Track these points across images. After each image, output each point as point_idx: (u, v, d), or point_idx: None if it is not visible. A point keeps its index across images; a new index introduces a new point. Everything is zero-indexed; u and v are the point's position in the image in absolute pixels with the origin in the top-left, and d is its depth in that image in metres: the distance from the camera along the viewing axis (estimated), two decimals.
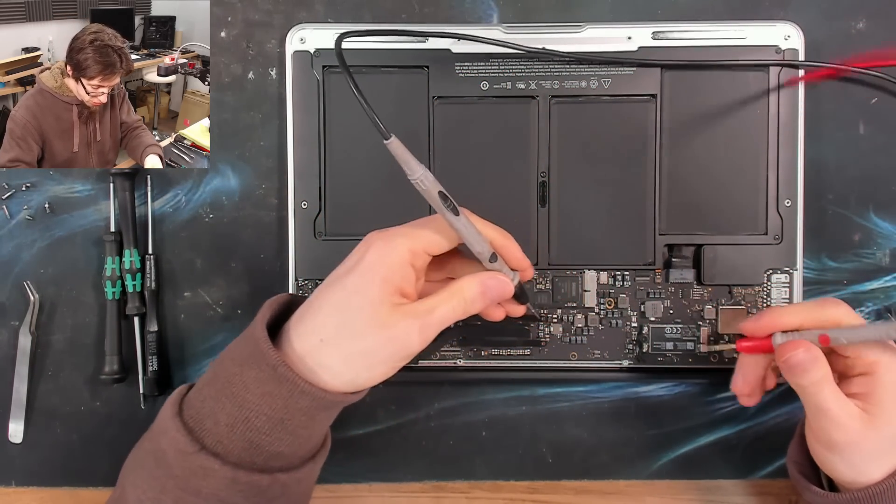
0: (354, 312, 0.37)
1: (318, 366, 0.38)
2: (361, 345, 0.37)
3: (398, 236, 0.38)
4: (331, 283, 0.39)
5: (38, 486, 0.53)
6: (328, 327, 0.38)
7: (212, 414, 0.38)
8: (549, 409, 0.53)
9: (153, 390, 0.52)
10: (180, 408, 0.39)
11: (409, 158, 0.36)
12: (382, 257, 0.38)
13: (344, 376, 0.38)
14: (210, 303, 0.53)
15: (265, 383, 0.37)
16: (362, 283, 0.37)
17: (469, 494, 0.53)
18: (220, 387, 0.38)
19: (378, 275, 0.37)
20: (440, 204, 0.37)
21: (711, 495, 0.53)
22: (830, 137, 0.52)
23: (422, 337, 0.38)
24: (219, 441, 0.38)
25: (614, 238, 0.51)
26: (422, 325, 0.38)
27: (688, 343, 0.51)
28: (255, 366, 0.37)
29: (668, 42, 0.50)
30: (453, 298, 0.39)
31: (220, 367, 0.39)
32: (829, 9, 0.52)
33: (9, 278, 0.52)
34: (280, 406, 0.37)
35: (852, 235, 0.52)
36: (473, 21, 0.52)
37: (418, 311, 0.38)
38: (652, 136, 0.51)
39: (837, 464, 0.42)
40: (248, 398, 0.37)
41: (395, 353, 0.38)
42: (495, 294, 0.40)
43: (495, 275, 0.40)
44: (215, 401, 0.38)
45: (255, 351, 0.38)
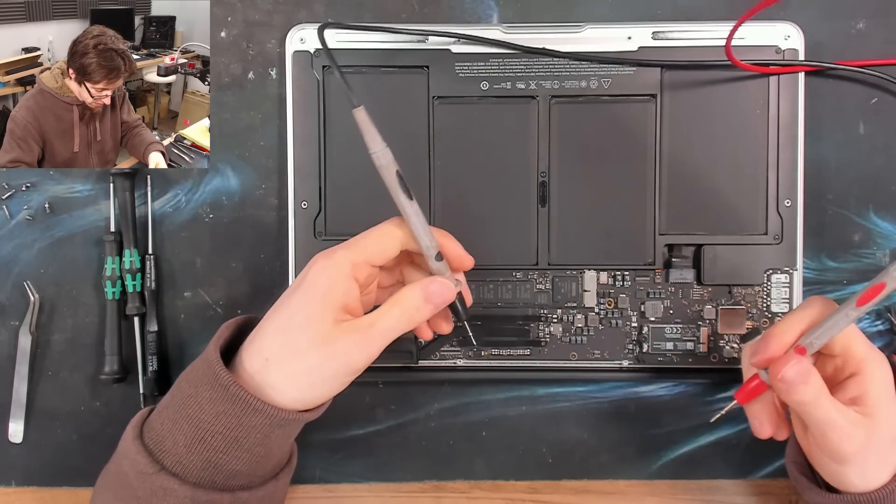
0: (297, 331, 0.38)
1: (266, 385, 0.38)
2: (304, 363, 0.38)
3: (339, 250, 0.39)
4: (277, 303, 0.40)
5: (38, 486, 0.53)
6: (273, 347, 0.38)
7: (170, 435, 0.39)
8: (549, 409, 0.53)
9: (153, 390, 0.52)
10: (141, 430, 0.40)
11: (372, 131, 0.36)
12: (323, 273, 0.38)
13: (290, 394, 0.38)
14: (210, 303, 0.53)
15: (219, 403, 0.38)
16: (304, 301, 0.38)
17: (469, 494, 0.53)
18: (177, 408, 0.39)
19: (319, 291, 0.37)
20: (395, 184, 0.36)
21: (711, 495, 0.53)
22: (830, 137, 0.52)
23: (364, 353, 0.37)
24: (178, 461, 0.39)
25: (614, 238, 0.51)
26: (363, 340, 0.37)
27: (688, 343, 0.51)
28: (209, 386, 0.38)
29: (668, 42, 0.50)
30: (394, 309, 0.38)
31: (177, 389, 0.40)
32: (829, 9, 0.52)
33: (9, 278, 0.52)
34: (234, 425, 0.38)
35: (852, 235, 0.52)
36: (473, 21, 0.52)
37: (359, 326, 0.37)
38: (652, 136, 0.51)
39: (848, 474, 0.41)
40: (204, 418, 0.38)
41: (339, 370, 0.38)
42: (439, 300, 0.39)
43: (436, 278, 0.39)
44: (173, 422, 0.39)
45: (208, 372, 0.38)
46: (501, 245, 0.51)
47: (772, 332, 0.41)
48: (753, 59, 0.50)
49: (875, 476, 0.41)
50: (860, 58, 0.51)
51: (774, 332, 0.41)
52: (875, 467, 0.41)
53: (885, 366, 0.41)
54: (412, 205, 0.37)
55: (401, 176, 0.36)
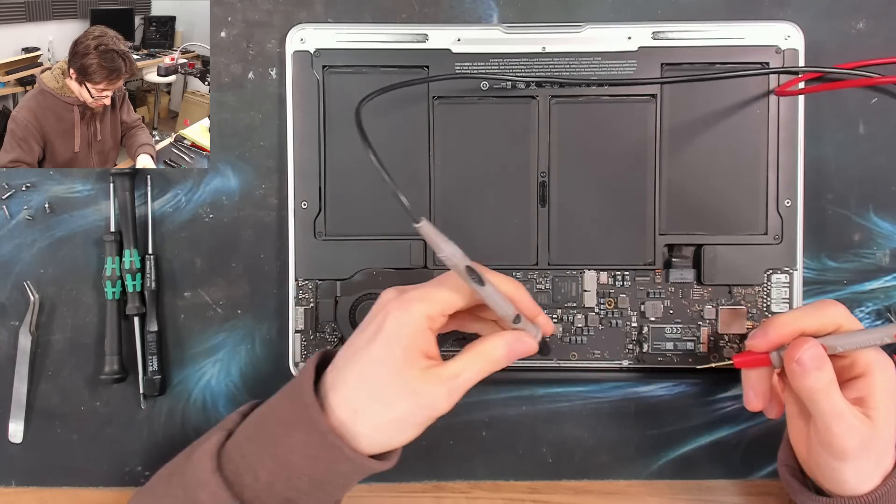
0: (383, 383, 0.38)
1: (355, 435, 0.39)
2: (393, 413, 0.39)
3: (414, 302, 0.39)
4: (355, 352, 0.40)
5: (38, 486, 0.53)
6: (360, 399, 0.39)
7: (251, 470, 0.39)
8: (549, 409, 0.53)
9: (153, 390, 0.52)
10: (219, 462, 0.40)
11: (437, 238, 0.37)
12: (401, 327, 0.38)
13: (378, 441, 0.40)
14: (210, 303, 0.53)
15: (311, 447, 0.39)
16: (386, 355, 0.38)
17: (469, 494, 0.53)
18: (263, 445, 0.40)
19: (400, 345, 0.38)
20: (468, 278, 0.38)
21: (711, 495, 0.53)
22: (830, 137, 0.52)
23: (450, 401, 0.39)
24: (256, 496, 0.39)
25: (614, 238, 0.51)
26: (449, 390, 0.39)
27: (688, 343, 0.51)
28: (303, 429, 0.39)
29: (668, 42, 0.50)
30: (479, 361, 0.39)
31: (264, 426, 0.40)
32: (829, 9, 0.52)
33: (9, 278, 0.52)
34: (323, 469, 0.39)
35: (852, 235, 0.52)
36: (473, 21, 0.52)
37: (446, 377, 0.39)
38: (652, 136, 0.51)
39: (844, 472, 0.41)
40: (293, 459, 0.39)
41: (426, 417, 0.39)
42: (520, 354, 0.41)
43: (520, 335, 0.41)
44: (257, 458, 0.39)
45: (303, 415, 0.39)
46: (501, 245, 0.51)
47: (776, 318, 0.42)
48: (753, 59, 0.50)
49: (869, 478, 0.41)
50: (860, 58, 0.51)
51: (780, 318, 0.42)
52: (870, 469, 0.41)
53: (891, 371, 0.41)
54: (486, 289, 0.38)
55: (470, 269, 0.37)
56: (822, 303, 0.42)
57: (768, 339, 0.42)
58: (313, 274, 0.51)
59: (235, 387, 0.53)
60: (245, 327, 0.53)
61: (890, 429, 0.41)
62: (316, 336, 0.51)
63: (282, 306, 0.52)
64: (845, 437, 0.40)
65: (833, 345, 0.41)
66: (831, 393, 0.40)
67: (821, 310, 0.42)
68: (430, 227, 0.36)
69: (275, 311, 0.52)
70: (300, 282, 0.51)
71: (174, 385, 0.53)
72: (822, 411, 0.40)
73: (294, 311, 0.51)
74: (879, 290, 0.52)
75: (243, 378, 0.53)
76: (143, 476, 0.53)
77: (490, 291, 0.39)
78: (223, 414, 0.53)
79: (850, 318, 0.42)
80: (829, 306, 0.42)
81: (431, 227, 0.36)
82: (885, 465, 0.42)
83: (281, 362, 0.52)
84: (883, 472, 0.42)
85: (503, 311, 0.40)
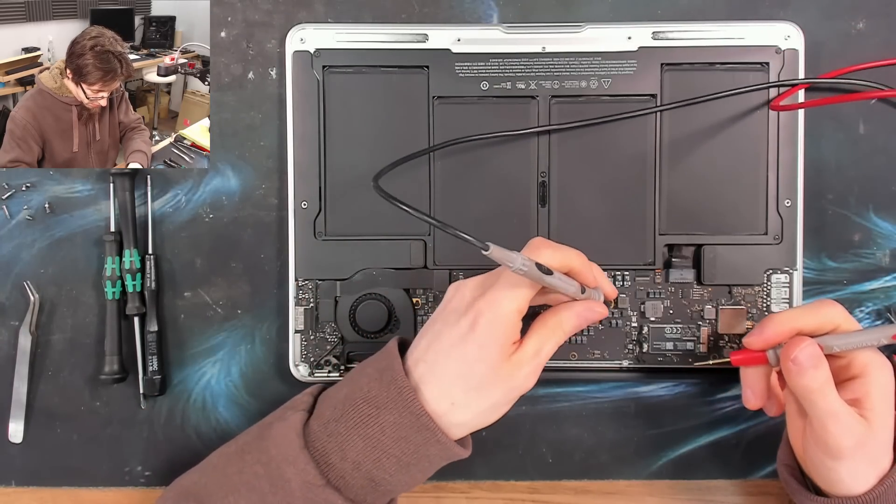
0: (479, 378, 0.40)
1: (451, 424, 0.41)
2: (490, 401, 0.41)
3: (504, 300, 0.40)
4: (449, 348, 0.41)
5: (38, 486, 0.53)
6: (456, 393, 0.40)
7: (339, 450, 0.40)
8: (549, 409, 0.53)
9: (153, 390, 0.52)
10: (305, 439, 0.41)
11: (507, 255, 0.38)
12: (496, 326, 0.40)
13: (473, 426, 0.42)
14: (210, 303, 0.53)
15: (403, 429, 0.40)
16: (483, 353, 0.40)
17: (469, 494, 0.53)
18: (352, 425, 0.40)
19: (496, 343, 0.40)
20: (541, 276, 0.39)
21: (711, 495, 0.53)
22: (830, 137, 0.52)
23: (535, 377, 0.41)
24: (341, 476, 0.40)
25: (614, 238, 0.51)
26: (535, 368, 0.41)
27: (688, 343, 0.51)
28: (396, 411, 0.40)
29: (668, 42, 0.50)
30: (556, 334, 0.42)
31: (352, 407, 0.41)
32: (829, 9, 0.52)
33: (9, 278, 0.52)
34: (412, 451, 0.40)
35: (852, 235, 0.52)
36: (473, 21, 0.52)
37: (529, 357, 0.41)
38: (652, 136, 0.51)
39: (840, 471, 0.41)
40: (383, 440, 0.40)
41: (516, 397, 0.41)
42: (592, 321, 0.43)
43: (590, 305, 0.42)
44: (346, 437, 0.40)
45: (397, 398, 0.40)
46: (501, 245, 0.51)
47: (774, 317, 0.43)
48: (753, 59, 0.50)
49: (865, 478, 0.41)
50: (860, 58, 0.51)
51: (777, 317, 0.42)
52: (865, 469, 0.41)
53: (888, 372, 0.41)
54: (554, 278, 0.40)
55: (539, 265, 0.39)
56: (820, 302, 0.42)
57: (765, 338, 0.43)
58: (313, 274, 0.51)
59: (235, 387, 0.53)
60: (245, 327, 0.53)
61: (886, 430, 0.41)
62: (316, 336, 0.51)
63: (282, 306, 0.52)
64: (840, 436, 0.40)
65: (830, 344, 0.41)
66: (827, 392, 0.40)
67: (819, 309, 0.42)
68: (498, 249, 0.38)
69: (275, 311, 0.52)
70: (300, 282, 0.51)
71: (174, 385, 0.53)
72: (817, 410, 0.40)
73: (294, 311, 0.51)
74: (879, 290, 0.52)
75: (243, 378, 0.53)
76: (143, 476, 0.53)
77: (558, 277, 0.40)
78: (223, 414, 0.53)
79: (848, 318, 0.42)
80: (827, 306, 0.42)
81: (499, 248, 0.38)
82: (881, 466, 0.42)
83: (281, 362, 0.52)
84: (879, 472, 0.42)
85: (571, 290, 0.41)
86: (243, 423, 0.52)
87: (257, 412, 0.53)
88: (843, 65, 0.51)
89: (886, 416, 0.41)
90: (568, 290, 0.41)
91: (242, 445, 0.43)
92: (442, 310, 0.42)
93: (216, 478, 0.43)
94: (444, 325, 0.41)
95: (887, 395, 0.41)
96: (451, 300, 0.42)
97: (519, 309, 0.40)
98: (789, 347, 0.41)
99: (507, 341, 0.40)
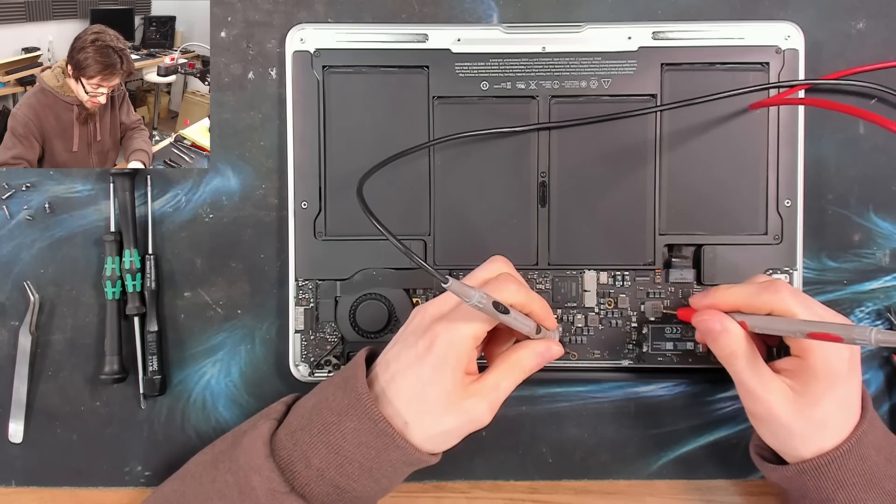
0: (432, 402, 0.41)
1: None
2: (441, 427, 0.41)
3: (461, 324, 0.41)
4: (405, 368, 0.41)
5: (38, 486, 0.53)
6: (411, 413, 0.41)
7: (304, 457, 0.41)
8: (549, 409, 0.53)
9: (153, 390, 0.52)
10: (271, 448, 0.42)
11: (466, 291, 0.39)
12: (451, 349, 0.41)
13: (426, 448, 0.42)
14: (210, 303, 0.53)
15: (363, 434, 0.41)
16: (436, 376, 0.41)
17: (469, 494, 0.53)
18: (316, 433, 0.42)
19: (449, 367, 0.41)
20: (496, 313, 0.40)
21: (711, 495, 0.53)
22: (830, 137, 0.52)
23: (491, 413, 0.42)
24: (306, 484, 0.41)
25: (614, 238, 0.51)
26: (490, 402, 0.42)
27: (688, 343, 0.51)
28: (356, 418, 0.41)
29: (667, 42, 0.50)
30: (514, 372, 0.43)
31: (317, 414, 0.42)
32: (829, 9, 0.52)
33: (9, 278, 0.52)
34: (373, 456, 0.41)
35: (852, 235, 0.52)
36: (473, 21, 0.52)
37: (486, 390, 0.42)
38: (652, 135, 0.51)
39: (763, 432, 0.44)
40: (345, 446, 0.41)
41: (470, 429, 0.42)
42: (549, 360, 0.44)
43: (549, 345, 0.44)
44: (309, 445, 0.41)
45: (356, 404, 0.41)
46: (501, 245, 0.51)
47: (720, 289, 0.44)
48: (753, 59, 0.50)
49: (792, 446, 0.43)
50: (860, 58, 0.51)
51: (722, 290, 0.44)
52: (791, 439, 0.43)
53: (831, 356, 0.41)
54: (510, 316, 0.40)
55: (496, 304, 0.39)
56: (767, 285, 0.43)
57: (703, 304, 0.45)
58: (313, 274, 0.51)
59: (235, 387, 0.53)
60: (245, 327, 0.53)
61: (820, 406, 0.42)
62: (316, 336, 0.51)
63: (282, 306, 0.52)
64: (749, 403, 0.43)
65: (752, 324, 0.42)
66: (735, 362, 0.42)
67: (760, 294, 0.42)
68: (457, 283, 0.38)
69: (275, 311, 0.52)
70: (300, 282, 0.51)
71: (174, 385, 0.53)
72: (733, 377, 0.44)
73: (294, 311, 0.51)
74: (879, 290, 0.52)
75: (243, 378, 0.53)
76: (143, 476, 0.53)
77: (514, 316, 0.41)
78: (223, 414, 0.53)
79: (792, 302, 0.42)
80: (769, 292, 0.42)
81: (458, 283, 0.38)
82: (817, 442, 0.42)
83: (281, 362, 0.52)
84: (815, 447, 0.42)
85: (526, 329, 0.42)
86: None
87: (257, 412, 0.52)
88: (844, 65, 0.51)
89: (820, 395, 0.42)
90: (523, 330, 0.42)
91: (217, 454, 0.44)
92: (403, 331, 0.43)
93: (193, 486, 0.44)
94: (402, 346, 0.42)
95: (825, 377, 0.41)
96: (412, 321, 0.43)
97: (475, 335, 0.41)
98: (698, 315, 0.44)
99: (461, 366, 0.41)
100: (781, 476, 0.44)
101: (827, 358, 0.41)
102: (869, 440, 0.43)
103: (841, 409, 0.42)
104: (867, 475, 0.42)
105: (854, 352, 0.42)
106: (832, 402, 0.42)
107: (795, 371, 0.42)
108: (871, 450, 0.43)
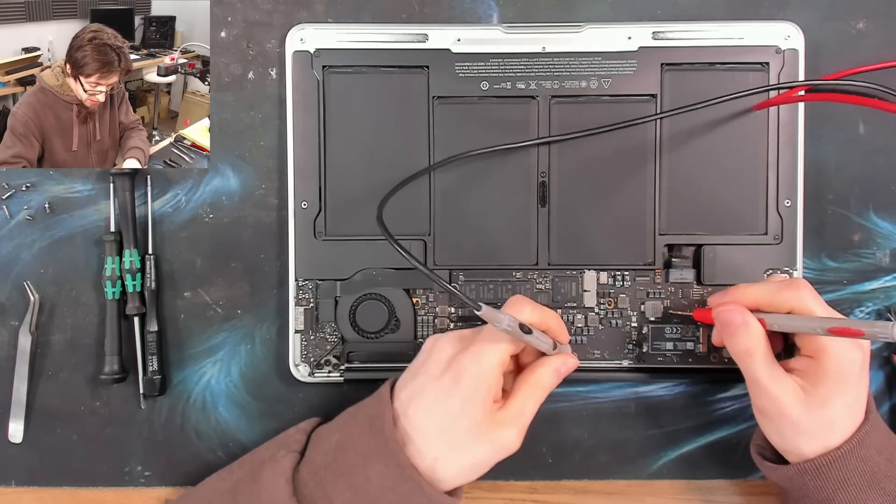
0: (462, 435, 0.41)
1: (434, 479, 0.41)
2: (472, 459, 0.41)
3: (486, 353, 0.41)
4: (432, 403, 0.41)
5: (38, 486, 0.53)
6: (440, 448, 0.41)
7: (326, 497, 0.41)
8: (549, 409, 0.53)
9: (153, 390, 0.52)
10: (294, 486, 0.41)
11: (496, 315, 0.39)
12: (480, 380, 0.41)
13: (457, 482, 0.42)
14: (210, 303, 0.53)
15: (389, 479, 0.40)
16: (467, 409, 0.41)
17: (469, 494, 0.53)
18: (340, 473, 0.41)
19: (479, 398, 0.41)
20: (521, 335, 0.40)
21: (711, 495, 0.53)
22: (830, 137, 0.52)
23: (520, 438, 0.42)
24: None
25: (614, 238, 0.51)
26: (519, 428, 0.42)
27: (688, 343, 0.51)
28: (382, 461, 0.41)
29: (667, 42, 0.50)
30: (536, 392, 0.43)
31: (341, 454, 0.42)
32: (829, 9, 0.52)
33: (9, 278, 0.52)
34: (398, 501, 0.41)
35: (852, 235, 0.52)
36: (473, 21, 0.52)
37: (512, 417, 0.42)
38: (652, 135, 0.51)
39: (770, 430, 0.44)
40: (369, 490, 0.41)
41: (501, 456, 0.42)
42: (566, 375, 0.44)
43: (565, 359, 0.44)
44: (333, 485, 0.41)
45: (383, 448, 0.41)
46: (501, 245, 0.51)
47: (739, 288, 0.45)
48: (753, 59, 0.50)
49: (797, 445, 0.43)
50: (860, 58, 0.51)
51: (741, 289, 0.44)
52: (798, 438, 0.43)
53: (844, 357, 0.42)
54: (533, 336, 0.41)
55: (522, 325, 0.40)
56: (787, 283, 0.43)
57: (722, 301, 0.45)
58: (313, 274, 0.51)
59: (235, 387, 0.53)
60: (245, 327, 0.53)
61: (829, 408, 0.42)
62: (316, 336, 0.51)
63: (282, 306, 0.52)
64: (760, 400, 0.43)
65: (771, 322, 0.43)
66: (751, 359, 0.42)
67: (780, 291, 0.43)
68: (489, 309, 0.39)
69: (275, 311, 0.52)
70: (300, 282, 0.51)
71: (174, 385, 0.53)
72: (744, 374, 0.44)
73: (294, 311, 0.51)
74: (879, 290, 0.52)
75: (243, 378, 0.53)
76: (143, 476, 0.53)
77: (536, 335, 0.41)
78: (223, 414, 0.53)
79: (810, 301, 0.42)
80: (789, 289, 0.43)
81: (490, 309, 0.39)
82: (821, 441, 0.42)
83: (281, 362, 0.52)
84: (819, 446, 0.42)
85: (545, 346, 0.43)
86: (243, 424, 0.52)
87: (257, 412, 0.53)
88: (844, 65, 0.51)
89: (830, 395, 0.42)
90: (542, 347, 0.43)
91: (235, 483, 0.44)
92: (423, 363, 0.43)
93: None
94: (425, 379, 0.42)
95: (836, 378, 0.42)
96: (431, 353, 0.43)
97: (501, 362, 0.41)
98: (718, 309, 0.44)
99: (490, 396, 0.41)
100: (782, 476, 0.44)
101: (840, 360, 0.42)
102: (871, 441, 0.43)
103: (849, 410, 0.42)
104: (868, 475, 0.42)
105: (866, 355, 0.42)
106: (841, 403, 0.42)
107: (807, 371, 0.43)
108: (872, 450, 0.43)
